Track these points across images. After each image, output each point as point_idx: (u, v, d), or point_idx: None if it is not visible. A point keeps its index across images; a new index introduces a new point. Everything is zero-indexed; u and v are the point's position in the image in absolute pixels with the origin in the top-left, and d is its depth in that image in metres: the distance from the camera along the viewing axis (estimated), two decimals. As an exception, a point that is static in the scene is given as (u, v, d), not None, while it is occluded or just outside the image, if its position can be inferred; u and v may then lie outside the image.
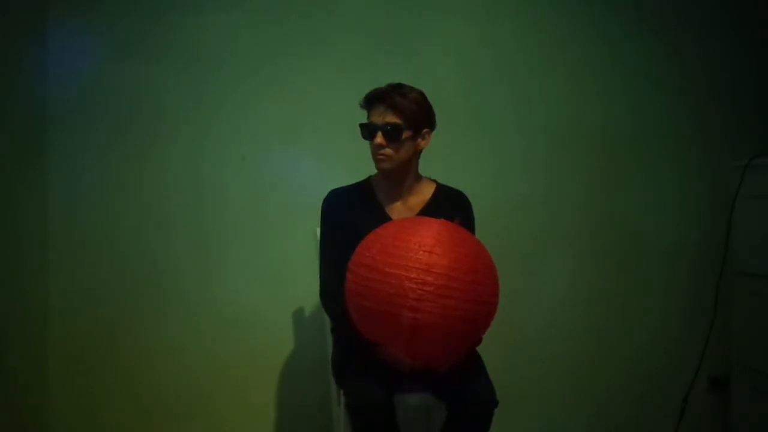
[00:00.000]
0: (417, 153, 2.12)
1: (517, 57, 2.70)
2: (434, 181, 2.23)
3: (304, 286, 2.44)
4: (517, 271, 2.68)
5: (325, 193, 2.18)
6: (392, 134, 2.04)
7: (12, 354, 2.30)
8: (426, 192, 2.18)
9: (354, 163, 2.26)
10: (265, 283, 2.58)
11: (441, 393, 1.99)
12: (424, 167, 2.24)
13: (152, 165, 2.55)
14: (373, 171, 2.18)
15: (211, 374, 2.57)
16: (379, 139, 2.04)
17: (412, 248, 1.76)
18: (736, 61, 2.77)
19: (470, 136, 2.68)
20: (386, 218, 2.08)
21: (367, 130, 2.07)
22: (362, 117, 2.12)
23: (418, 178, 2.18)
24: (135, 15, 2.52)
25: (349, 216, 2.10)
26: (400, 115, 2.04)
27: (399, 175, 2.12)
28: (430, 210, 2.12)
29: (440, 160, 2.61)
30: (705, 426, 2.75)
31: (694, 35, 2.75)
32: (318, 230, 2.20)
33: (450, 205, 2.15)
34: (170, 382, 2.55)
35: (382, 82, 2.10)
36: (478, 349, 2.04)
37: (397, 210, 2.13)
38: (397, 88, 2.06)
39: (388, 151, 2.05)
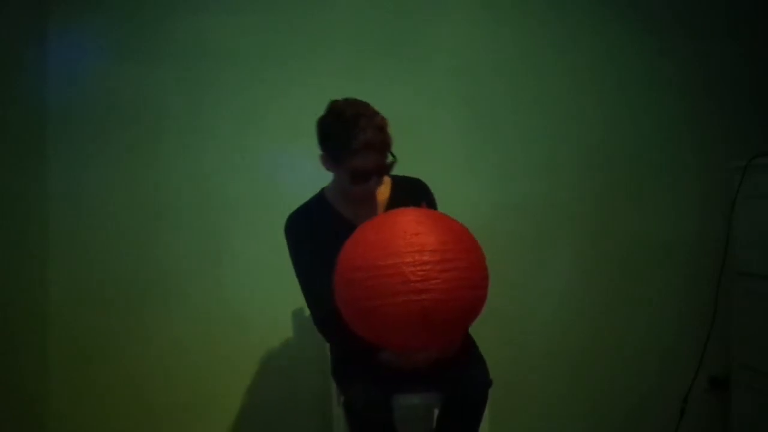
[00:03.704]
0: None
1: (517, 59, 2.70)
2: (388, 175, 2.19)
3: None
4: (516, 272, 2.68)
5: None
6: (385, 173, 2.04)
7: (12, 354, 2.30)
8: (383, 189, 2.15)
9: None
10: (266, 283, 2.58)
11: (438, 383, 1.98)
12: (423, 168, 2.25)
13: (153, 165, 2.55)
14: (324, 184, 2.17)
15: (211, 374, 2.57)
16: (375, 184, 2.01)
17: (399, 235, 1.75)
18: (736, 61, 2.77)
19: (470, 138, 2.68)
20: (352, 226, 2.04)
21: (361, 176, 1.98)
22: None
23: None
24: (135, 16, 2.52)
25: (317, 235, 2.06)
26: (388, 151, 2.01)
27: None
28: (393, 204, 2.11)
29: (440, 162, 2.62)
30: (705, 426, 2.75)
31: (694, 36, 2.75)
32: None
33: (411, 194, 2.13)
34: (170, 381, 2.55)
35: (382, 85, 2.10)
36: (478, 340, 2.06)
37: (360, 215, 2.10)
38: (377, 125, 1.96)
39: (378, 186, 2.04)
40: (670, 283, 2.76)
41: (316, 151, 2.60)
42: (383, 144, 1.97)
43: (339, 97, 2.58)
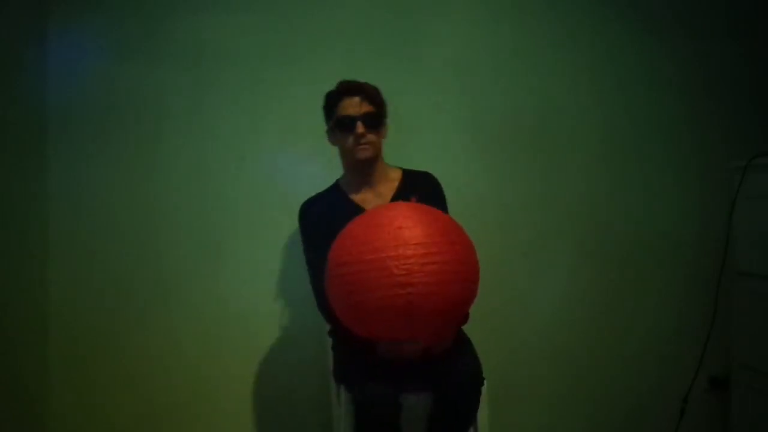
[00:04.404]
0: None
1: (517, 59, 2.70)
2: (400, 168, 2.26)
3: (305, 286, 2.43)
4: (515, 272, 2.68)
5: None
6: (372, 122, 2.12)
7: (12, 354, 2.30)
8: (394, 178, 2.23)
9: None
10: (265, 282, 2.58)
11: (432, 379, 1.99)
12: (423, 168, 2.25)
13: (153, 165, 2.55)
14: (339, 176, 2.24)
15: (212, 374, 2.57)
16: (361, 128, 2.09)
17: (384, 229, 1.79)
18: (736, 61, 2.77)
19: (470, 138, 2.68)
20: (362, 212, 2.08)
21: (346, 123, 2.11)
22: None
23: (384, 166, 2.24)
24: (135, 16, 2.53)
25: (328, 219, 2.09)
26: (375, 103, 2.13)
27: (371, 165, 2.17)
28: (401, 194, 2.16)
29: (440, 161, 2.62)
30: (705, 426, 2.74)
31: (694, 36, 2.75)
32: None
33: (420, 186, 2.19)
34: (170, 381, 2.55)
35: (382, 84, 2.12)
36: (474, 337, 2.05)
37: (370, 201, 2.17)
38: (360, 83, 2.15)
39: (371, 137, 2.12)
40: (670, 283, 2.76)
41: (317, 151, 2.61)
42: (368, 91, 2.13)
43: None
